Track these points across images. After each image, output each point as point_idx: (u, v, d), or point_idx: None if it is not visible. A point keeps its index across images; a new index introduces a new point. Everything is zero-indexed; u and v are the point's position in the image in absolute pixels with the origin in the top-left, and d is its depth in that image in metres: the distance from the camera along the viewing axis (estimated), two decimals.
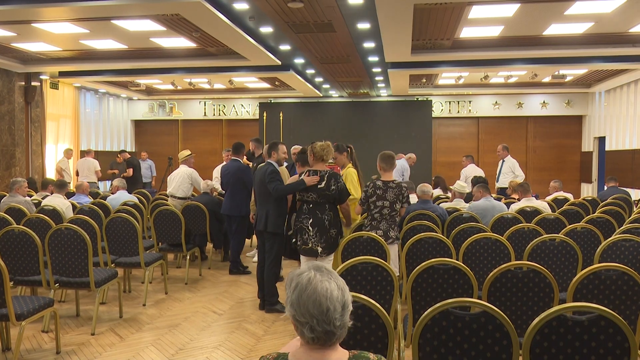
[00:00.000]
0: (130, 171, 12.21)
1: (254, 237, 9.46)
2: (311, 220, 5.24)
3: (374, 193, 5.37)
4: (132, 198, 7.83)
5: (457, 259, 4.37)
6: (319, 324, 1.62)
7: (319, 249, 5.20)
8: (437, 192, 8.62)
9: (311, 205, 5.31)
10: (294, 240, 5.45)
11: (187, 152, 8.56)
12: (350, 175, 6.28)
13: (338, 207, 5.31)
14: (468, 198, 7.61)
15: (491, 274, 3.43)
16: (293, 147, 8.00)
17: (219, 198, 8.12)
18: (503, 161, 10.54)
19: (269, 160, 5.72)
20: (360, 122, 15.89)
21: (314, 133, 15.49)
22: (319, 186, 5.23)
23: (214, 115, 17.28)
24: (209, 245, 8.33)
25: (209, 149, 17.13)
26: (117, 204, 7.53)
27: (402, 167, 9.85)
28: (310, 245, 5.23)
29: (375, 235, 4.61)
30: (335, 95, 16.34)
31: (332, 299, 1.64)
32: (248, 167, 7.20)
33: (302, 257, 5.47)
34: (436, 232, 5.10)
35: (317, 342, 1.66)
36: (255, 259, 7.96)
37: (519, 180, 9.99)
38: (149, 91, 16.56)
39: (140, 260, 5.83)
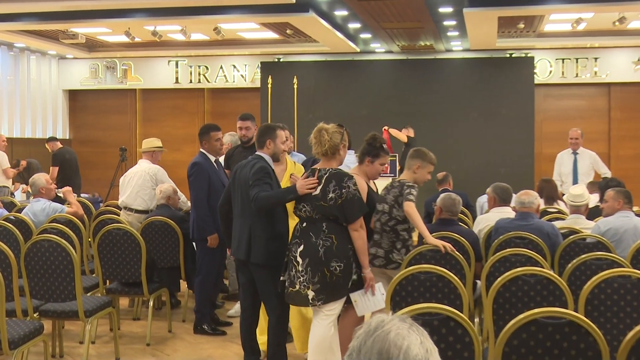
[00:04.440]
0: (55, 171, 12.35)
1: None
2: (301, 248, 5.24)
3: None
4: (56, 208, 7.85)
5: (576, 310, 4.32)
6: None
7: (310, 294, 5.15)
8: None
9: (304, 224, 5.31)
10: (281, 278, 5.47)
11: (155, 142, 8.61)
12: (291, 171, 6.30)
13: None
14: (595, 214, 7.54)
15: (630, 334, 3.40)
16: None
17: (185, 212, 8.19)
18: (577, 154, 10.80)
19: (259, 153, 5.73)
20: (418, 93, 15.85)
21: (345, 109, 15.48)
22: (313, 193, 5.24)
23: (191, 82, 17.43)
24: (183, 285, 8.38)
25: (182, 135, 17.29)
26: (41, 219, 7.62)
27: None
28: (297, 287, 5.21)
29: (443, 270, 4.60)
30: (380, 50, 16.33)
31: (408, 354, 1.68)
32: (194, 164, 7.21)
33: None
34: (541, 267, 5.06)
35: None
36: (235, 309, 7.96)
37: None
38: (91, 45, 16.79)
39: (77, 307, 5.89)
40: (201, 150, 7.30)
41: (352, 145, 6.71)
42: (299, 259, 5.20)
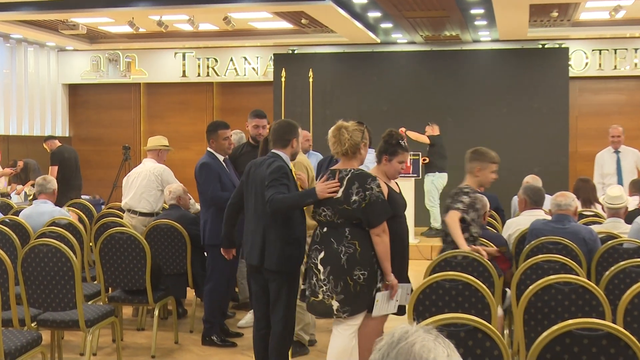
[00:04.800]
0: (54, 170, 12.40)
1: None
2: (322, 255, 5.25)
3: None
4: (64, 213, 7.95)
5: (614, 321, 4.31)
6: None
7: (334, 304, 5.18)
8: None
9: (325, 229, 5.33)
10: (302, 286, 5.53)
11: (161, 140, 8.63)
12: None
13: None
14: (634, 217, 7.50)
15: None
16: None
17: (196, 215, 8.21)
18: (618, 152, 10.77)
19: (276, 151, 5.73)
20: (444, 87, 15.81)
21: (365, 104, 15.48)
22: (335, 196, 5.25)
23: (200, 75, 17.48)
24: (190, 293, 8.41)
25: (189, 132, 17.34)
26: (39, 223, 7.67)
27: None
28: (320, 296, 5.25)
29: (470, 277, 4.59)
30: (402, 41, 16.31)
31: None
32: (202, 165, 7.22)
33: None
34: (577, 274, 5.04)
35: None
36: (246, 319, 7.99)
37: None
38: (93, 36, 16.87)
39: (77, 316, 5.92)
40: (208, 149, 7.30)
41: (372, 144, 6.70)
42: (319, 266, 5.21)
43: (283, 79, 15.60)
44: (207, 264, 7.40)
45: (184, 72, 17.51)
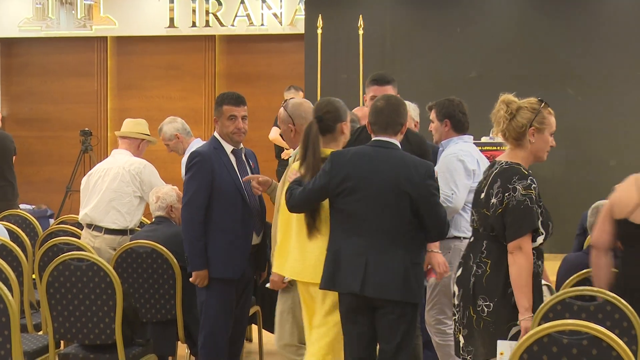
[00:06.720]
0: None
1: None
2: (459, 273, 5.64)
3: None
4: (4, 233, 8.02)
5: None
6: None
7: (461, 340, 5.53)
8: None
9: (472, 239, 5.80)
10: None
11: (142, 126, 8.71)
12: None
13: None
14: None
15: None
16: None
17: None
18: None
19: (387, 139, 5.95)
20: (562, 43, 15.72)
21: (443, 69, 15.48)
22: (481, 196, 5.61)
23: (195, 25, 17.51)
24: (182, 349, 8.48)
25: (180, 110, 17.21)
26: None
27: None
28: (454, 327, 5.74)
29: (599, 329, 4.58)
30: None
31: None
32: (191, 155, 7.28)
33: None
34: None
35: None
36: None
37: None
38: None
39: None
40: (214, 134, 7.31)
41: (466, 128, 6.85)
42: (454, 287, 5.62)
43: (319, 32, 15.61)
44: (198, 304, 7.46)
45: (171, 20, 17.50)
